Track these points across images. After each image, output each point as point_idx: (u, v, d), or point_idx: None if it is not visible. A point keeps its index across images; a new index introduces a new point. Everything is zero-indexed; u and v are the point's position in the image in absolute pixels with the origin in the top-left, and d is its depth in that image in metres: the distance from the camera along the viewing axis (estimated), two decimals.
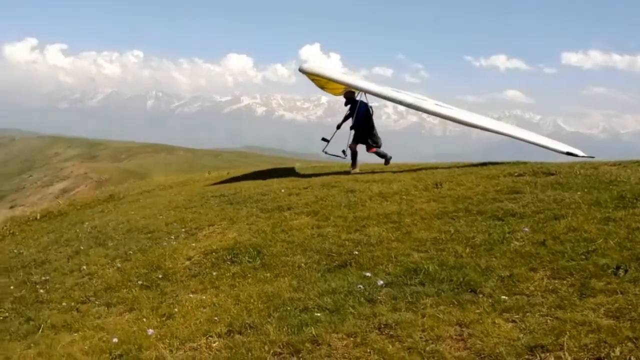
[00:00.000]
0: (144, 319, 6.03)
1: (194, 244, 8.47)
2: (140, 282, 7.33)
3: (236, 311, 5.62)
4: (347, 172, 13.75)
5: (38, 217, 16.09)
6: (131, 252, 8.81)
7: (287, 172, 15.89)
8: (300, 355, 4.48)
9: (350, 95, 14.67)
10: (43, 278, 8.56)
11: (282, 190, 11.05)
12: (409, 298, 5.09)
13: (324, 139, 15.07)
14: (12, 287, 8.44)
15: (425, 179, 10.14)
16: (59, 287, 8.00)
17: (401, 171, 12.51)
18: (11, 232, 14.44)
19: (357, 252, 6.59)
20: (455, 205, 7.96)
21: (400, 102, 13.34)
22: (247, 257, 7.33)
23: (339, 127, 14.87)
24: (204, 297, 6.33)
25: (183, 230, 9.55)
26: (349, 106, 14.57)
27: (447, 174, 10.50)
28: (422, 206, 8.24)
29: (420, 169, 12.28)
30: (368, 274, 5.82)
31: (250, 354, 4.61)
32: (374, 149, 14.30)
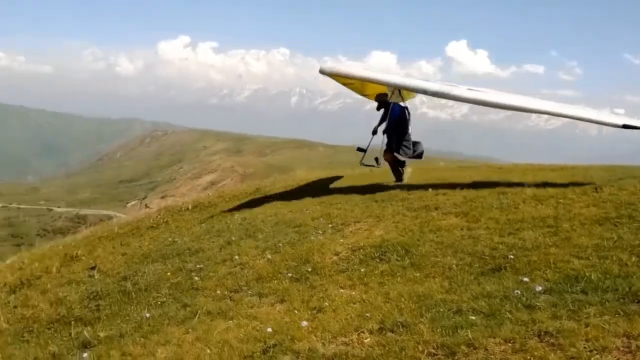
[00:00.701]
0: (295, 311, 6.14)
1: (341, 240, 8.53)
2: (290, 275, 7.47)
3: (387, 309, 5.59)
4: (398, 185, 12.90)
5: (190, 208, 16.74)
6: (280, 244, 8.98)
7: (431, 172, 15.65)
8: (456, 357, 4.38)
9: (381, 97, 13.57)
10: (197, 266, 8.89)
11: (429, 190, 10.90)
12: (571, 306, 4.83)
13: (359, 149, 13.97)
14: (168, 274, 8.81)
15: (583, 182, 9.66)
16: (213, 275, 8.28)
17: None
18: (165, 220, 15.09)
19: (512, 256, 6.35)
20: (617, 211, 7.50)
21: (425, 91, 12.15)
22: (395, 256, 7.28)
23: (374, 132, 13.58)
24: (354, 293, 6.36)
25: (329, 225, 9.64)
26: (382, 110, 13.51)
27: (606, 177, 9.94)
28: (580, 211, 7.84)
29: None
30: (525, 279, 5.59)
31: (403, 352, 4.56)
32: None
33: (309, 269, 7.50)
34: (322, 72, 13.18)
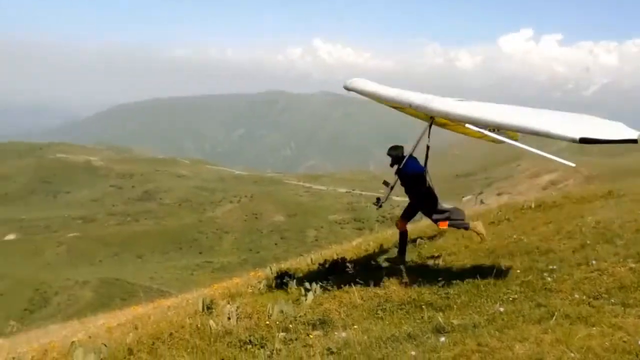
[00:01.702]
0: None
1: None
2: None
3: None
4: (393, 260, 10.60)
5: (532, 206, 16.29)
6: None
7: None
8: None
9: (393, 152, 10.26)
10: (549, 267, 8.59)
11: None
12: None
13: (385, 183, 10.71)
14: (518, 271, 8.67)
15: None
16: (567, 278, 7.95)
17: None
18: (506, 218, 14.87)
19: None
20: None
21: (410, 105, 9.15)
22: None
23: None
24: None
25: None
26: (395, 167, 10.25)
27: None
28: None
29: None
30: None
31: None
32: (444, 223, 10.10)
33: None
34: (346, 88, 11.03)
